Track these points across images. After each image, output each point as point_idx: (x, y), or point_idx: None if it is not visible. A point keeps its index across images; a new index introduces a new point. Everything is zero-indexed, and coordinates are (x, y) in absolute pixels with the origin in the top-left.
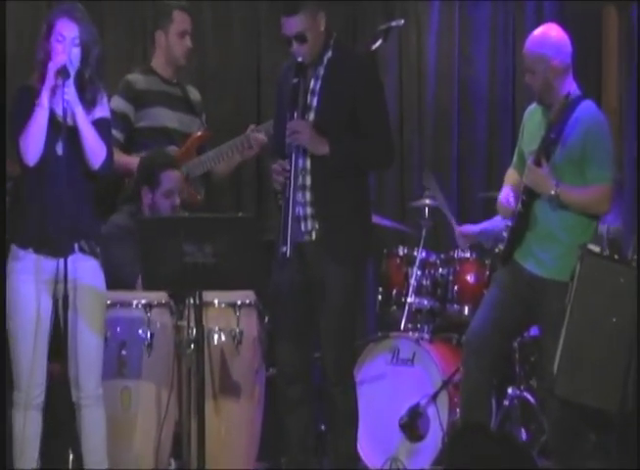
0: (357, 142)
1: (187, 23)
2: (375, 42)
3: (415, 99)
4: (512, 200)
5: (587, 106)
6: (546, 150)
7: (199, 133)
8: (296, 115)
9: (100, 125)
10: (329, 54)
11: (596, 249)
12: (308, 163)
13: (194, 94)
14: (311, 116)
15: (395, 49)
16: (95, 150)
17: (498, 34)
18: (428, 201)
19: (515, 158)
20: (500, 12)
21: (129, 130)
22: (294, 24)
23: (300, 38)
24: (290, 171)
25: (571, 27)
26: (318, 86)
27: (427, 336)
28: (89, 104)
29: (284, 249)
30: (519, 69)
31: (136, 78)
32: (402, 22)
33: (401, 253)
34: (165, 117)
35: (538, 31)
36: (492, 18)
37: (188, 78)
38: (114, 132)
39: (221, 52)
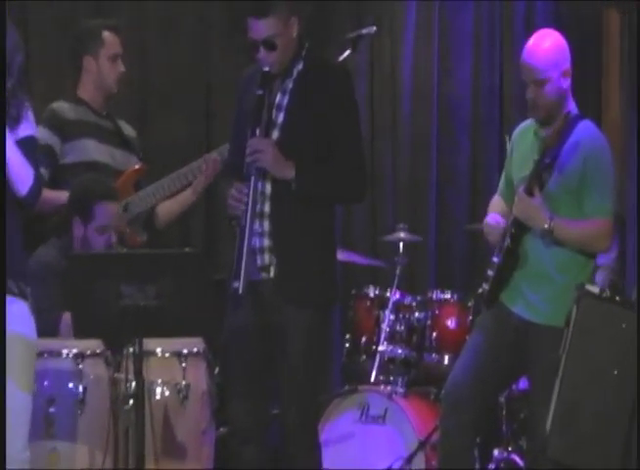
0: (326, 169)
1: (118, 45)
2: (342, 53)
3: (388, 117)
4: (501, 221)
5: (586, 127)
6: (539, 177)
7: (135, 166)
8: (258, 131)
9: (25, 145)
10: (300, 65)
11: (595, 289)
12: (268, 187)
13: (128, 130)
14: (275, 134)
15: (366, 60)
16: (21, 174)
17: (483, 43)
18: (402, 234)
19: (501, 184)
20: (485, 18)
21: (54, 166)
22: (263, 28)
23: (269, 44)
24: (248, 196)
25: (567, 34)
26: (285, 101)
27: (401, 390)
28: (13, 121)
29: (236, 285)
30: (506, 82)
31: (62, 107)
32: (374, 29)
33: (372, 294)
34: (96, 152)
35: (538, 37)
36: (476, 24)
37: (128, 98)
38: None
39: (166, 65)
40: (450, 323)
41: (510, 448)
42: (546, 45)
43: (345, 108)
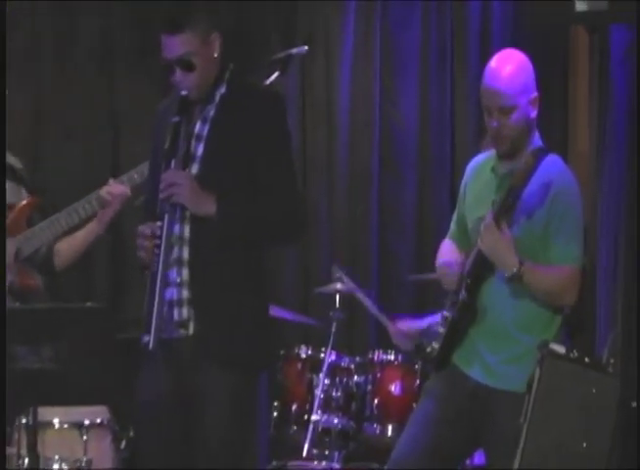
0: (255, 205)
1: None
2: (269, 75)
3: (323, 150)
4: (456, 264)
5: (554, 163)
6: (506, 214)
7: (24, 201)
8: (173, 164)
9: None
10: (222, 89)
11: (561, 349)
12: (187, 229)
13: (12, 160)
14: (195, 168)
15: (297, 84)
16: None
17: (431, 65)
18: (339, 285)
19: (453, 227)
20: (433, 35)
21: None
22: (178, 45)
23: (186, 64)
24: (161, 238)
25: (528, 56)
26: (206, 130)
27: (337, 466)
28: None
29: (147, 339)
30: (459, 110)
31: None
32: (305, 48)
33: (304, 355)
34: None
35: (502, 57)
36: (423, 43)
37: (21, 128)
38: None
39: (65, 91)
40: (394, 388)
41: None
42: (513, 67)
43: (276, 138)
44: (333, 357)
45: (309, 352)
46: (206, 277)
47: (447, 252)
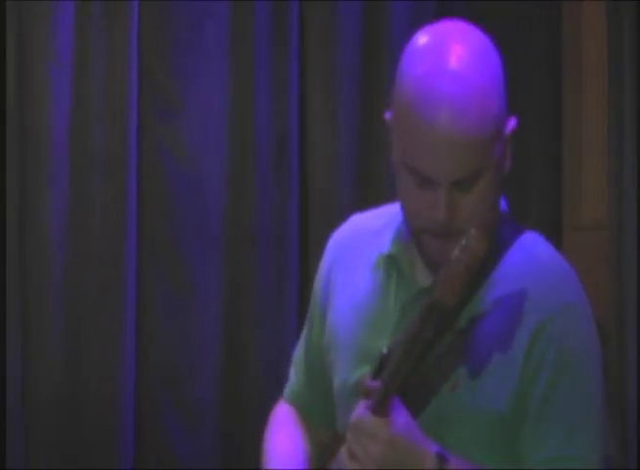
0: None
1: None
2: None
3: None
4: None
5: (533, 252)
6: (407, 369)
7: None
8: None
9: None
10: None
11: None
12: None
13: None
14: None
15: None
16: None
17: (257, 73)
18: None
19: (295, 376)
20: (261, 15)
21: None
22: None
23: None
24: None
25: None
26: None
27: None
28: None
29: None
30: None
31: None
32: None
33: None
34: None
35: (461, 52)
36: (233, 36)
37: None
38: None
39: None
40: None
41: None
42: (483, 80)
43: None
44: None
45: None
46: None
47: (282, 436)
